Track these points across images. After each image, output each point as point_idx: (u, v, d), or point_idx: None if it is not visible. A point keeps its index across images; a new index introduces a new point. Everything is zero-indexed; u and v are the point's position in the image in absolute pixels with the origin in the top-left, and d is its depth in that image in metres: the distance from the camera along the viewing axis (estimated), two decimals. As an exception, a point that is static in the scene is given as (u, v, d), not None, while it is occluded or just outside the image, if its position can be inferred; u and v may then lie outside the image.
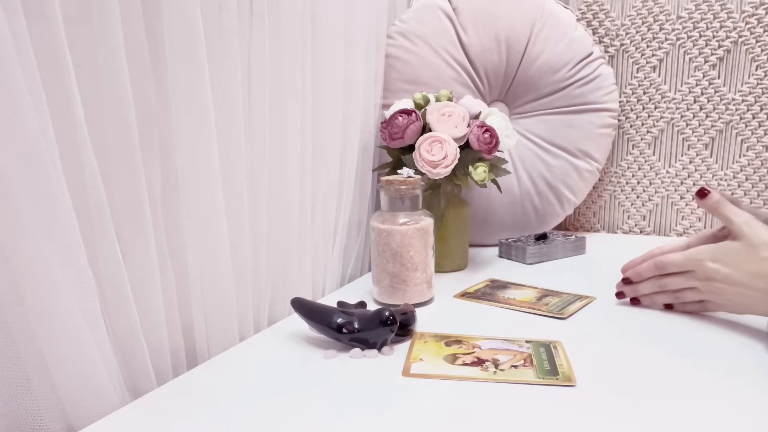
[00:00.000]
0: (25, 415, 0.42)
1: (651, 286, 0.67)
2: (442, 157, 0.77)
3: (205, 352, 0.59)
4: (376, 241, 0.70)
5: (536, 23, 0.99)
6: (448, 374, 0.51)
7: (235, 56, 0.58)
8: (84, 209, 0.45)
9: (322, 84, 0.74)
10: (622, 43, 1.09)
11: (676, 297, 0.65)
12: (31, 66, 0.39)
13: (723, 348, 0.56)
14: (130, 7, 0.48)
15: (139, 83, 0.50)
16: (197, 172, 0.56)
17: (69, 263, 0.42)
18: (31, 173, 0.39)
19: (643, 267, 0.67)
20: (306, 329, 0.61)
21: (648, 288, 0.67)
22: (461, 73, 0.99)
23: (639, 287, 0.68)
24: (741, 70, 1.02)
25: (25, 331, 0.41)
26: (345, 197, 0.83)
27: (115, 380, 0.47)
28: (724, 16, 1.01)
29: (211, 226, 0.57)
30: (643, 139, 1.10)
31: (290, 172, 0.69)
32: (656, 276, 0.66)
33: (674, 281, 0.65)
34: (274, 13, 0.64)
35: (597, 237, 1.11)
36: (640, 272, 0.67)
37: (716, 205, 0.62)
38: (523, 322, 0.64)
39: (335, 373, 0.51)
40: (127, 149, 0.48)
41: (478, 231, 1.02)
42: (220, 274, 0.59)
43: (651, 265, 0.66)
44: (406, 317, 0.59)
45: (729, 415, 0.43)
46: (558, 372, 0.50)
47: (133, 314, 0.49)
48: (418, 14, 0.99)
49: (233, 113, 0.59)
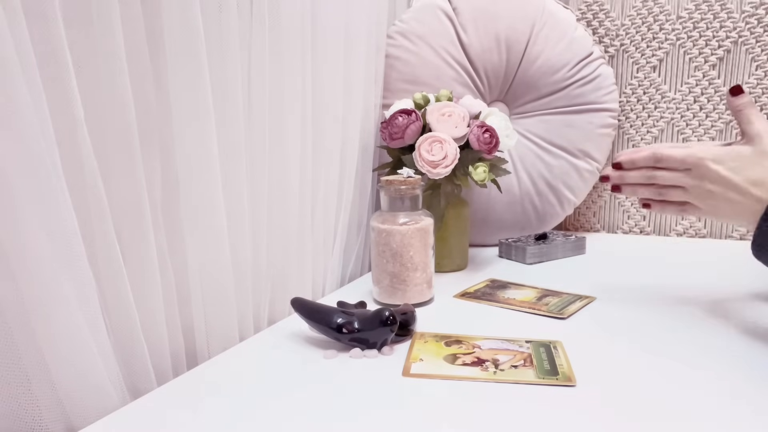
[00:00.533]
0: (25, 415, 0.42)
1: (640, 176, 0.64)
2: (442, 157, 0.77)
3: (205, 352, 0.59)
4: (376, 241, 0.70)
5: (536, 23, 0.99)
6: (448, 374, 0.51)
7: (235, 56, 0.58)
8: (84, 209, 0.45)
9: (322, 84, 0.74)
10: (622, 43, 1.09)
11: (660, 193, 0.64)
12: (31, 66, 0.39)
13: (723, 348, 0.56)
14: (130, 7, 0.48)
15: (139, 83, 0.50)
16: (197, 172, 0.56)
17: (69, 263, 0.42)
18: (31, 173, 0.39)
19: (639, 155, 0.64)
20: (306, 329, 0.61)
21: (636, 177, 0.64)
22: (461, 73, 0.99)
23: (627, 174, 0.65)
24: (741, 70, 1.02)
25: (25, 331, 0.41)
26: (345, 197, 0.83)
27: (115, 380, 0.47)
28: (724, 16, 1.01)
29: (211, 225, 0.57)
30: (643, 139, 1.10)
31: (290, 172, 0.69)
32: (649, 167, 0.64)
33: (666, 176, 0.62)
34: (274, 13, 0.64)
35: (597, 237, 1.11)
36: (634, 159, 0.64)
37: (744, 105, 0.60)
38: (523, 322, 0.64)
39: (335, 373, 0.51)
40: (127, 149, 0.48)
41: (478, 231, 1.02)
42: (220, 274, 0.59)
43: (648, 155, 0.63)
44: (406, 317, 0.59)
45: (729, 415, 0.43)
46: (558, 372, 0.50)
47: (133, 314, 0.49)
48: (418, 14, 0.99)
49: (233, 113, 0.59)
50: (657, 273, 0.83)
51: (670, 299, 0.71)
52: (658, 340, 0.58)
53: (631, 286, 0.77)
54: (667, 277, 0.81)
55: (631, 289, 0.76)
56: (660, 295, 0.72)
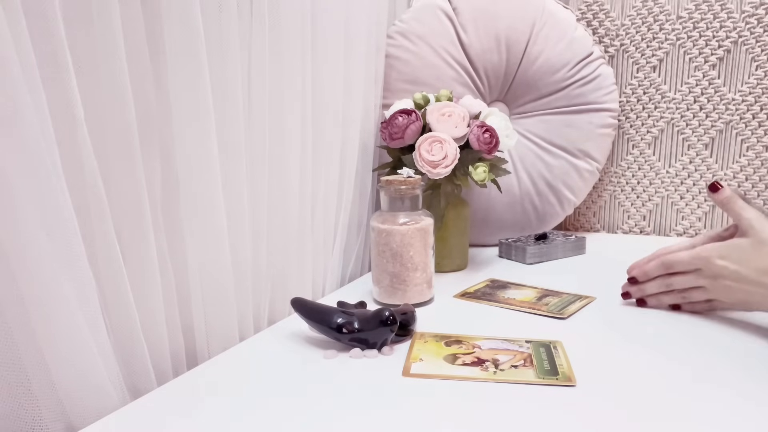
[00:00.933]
0: (25, 415, 0.42)
1: (657, 286, 0.66)
2: (442, 157, 0.77)
3: (205, 352, 0.59)
4: (376, 241, 0.70)
5: (536, 23, 0.99)
6: (448, 374, 0.51)
7: (235, 56, 0.58)
8: (84, 209, 0.45)
9: (322, 84, 0.74)
10: (622, 43, 1.09)
11: (683, 297, 0.65)
12: (31, 66, 0.39)
13: (724, 348, 0.56)
14: (130, 7, 0.48)
15: (139, 83, 0.50)
16: (197, 172, 0.56)
17: (69, 263, 0.42)
18: (31, 173, 0.39)
19: (650, 266, 0.66)
20: (306, 329, 0.61)
21: (654, 288, 0.67)
22: (461, 73, 0.99)
23: (645, 287, 0.67)
24: (741, 70, 1.02)
25: (25, 331, 0.41)
26: (345, 197, 0.83)
27: (115, 380, 0.47)
28: (724, 16, 1.01)
29: (211, 225, 0.57)
30: (643, 139, 1.10)
31: (290, 172, 0.69)
32: (663, 275, 0.66)
33: (681, 280, 0.64)
34: (274, 13, 0.64)
35: (597, 237, 1.11)
36: (646, 271, 0.67)
37: (727, 200, 0.62)
38: (523, 322, 0.64)
39: (335, 373, 0.51)
40: (127, 149, 0.48)
41: (478, 231, 1.02)
42: (220, 274, 0.59)
43: (658, 264, 0.65)
44: (406, 317, 0.59)
45: (729, 415, 0.43)
46: (558, 372, 0.50)
47: (133, 314, 0.49)
48: (418, 14, 0.99)
49: (233, 113, 0.59)
50: (657, 273, 0.83)
51: (670, 299, 0.71)
52: (658, 339, 0.58)
53: (631, 286, 0.77)
54: (667, 277, 0.81)
55: (631, 289, 0.75)
56: (660, 295, 0.72)
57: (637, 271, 0.68)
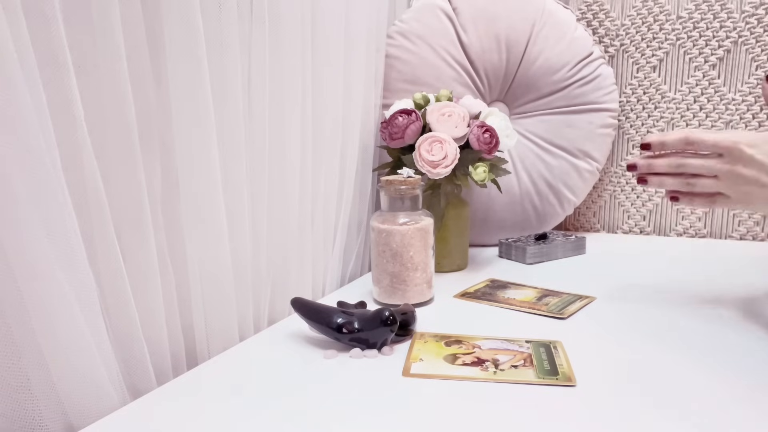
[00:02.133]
0: (25, 415, 0.42)
1: (668, 165, 0.61)
2: (442, 157, 0.77)
3: (205, 352, 0.59)
4: (376, 241, 0.70)
5: (536, 23, 0.99)
6: (448, 374, 0.51)
7: (235, 56, 0.58)
8: (84, 209, 0.45)
9: (322, 84, 0.74)
10: (622, 43, 1.09)
11: (689, 183, 0.61)
12: (31, 66, 0.39)
13: (724, 347, 0.56)
14: (130, 7, 0.48)
15: (139, 83, 0.50)
16: (197, 172, 0.56)
17: (69, 263, 0.42)
18: (31, 173, 0.39)
19: (670, 137, 0.61)
20: (306, 329, 0.61)
21: (664, 166, 0.62)
22: (461, 73, 0.99)
23: (655, 163, 0.62)
24: (741, 70, 1.02)
25: (25, 331, 0.41)
26: (345, 197, 0.83)
27: (115, 380, 0.47)
28: (724, 16, 1.01)
29: (211, 225, 0.57)
30: (643, 139, 1.10)
31: (290, 172, 0.69)
32: (678, 154, 0.61)
33: (696, 163, 0.60)
34: (274, 13, 0.64)
35: (597, 237, 1.11)
36: (664, 141, 0.61)
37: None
38: (523, 322, 0.65)
39: (335, 373, 0.51)
40: (127, 149, 0.48)
41: (478, 231, 1.02)
42: (220, 274, 0.59)
43: (680, 137, 0.60)
44: (406, 317, 0.59)
45: (730, 415, 0.43)
46: (558, 372, 0.50)
47: (133, 314, 0.49)
48: (418, 14, 0.99)
49: (233, 113, 0.59)
50: (657, 273, 0.83)
51: (670, 299, 0.71)
52: (658, 339, 0.58)
53: (631, 286, 0.77)
54: (667, 277, 0.81)
55: (631, 289, 0.76)
56: (660, 295, 0.73)
57: (654, 138, 0.62)
